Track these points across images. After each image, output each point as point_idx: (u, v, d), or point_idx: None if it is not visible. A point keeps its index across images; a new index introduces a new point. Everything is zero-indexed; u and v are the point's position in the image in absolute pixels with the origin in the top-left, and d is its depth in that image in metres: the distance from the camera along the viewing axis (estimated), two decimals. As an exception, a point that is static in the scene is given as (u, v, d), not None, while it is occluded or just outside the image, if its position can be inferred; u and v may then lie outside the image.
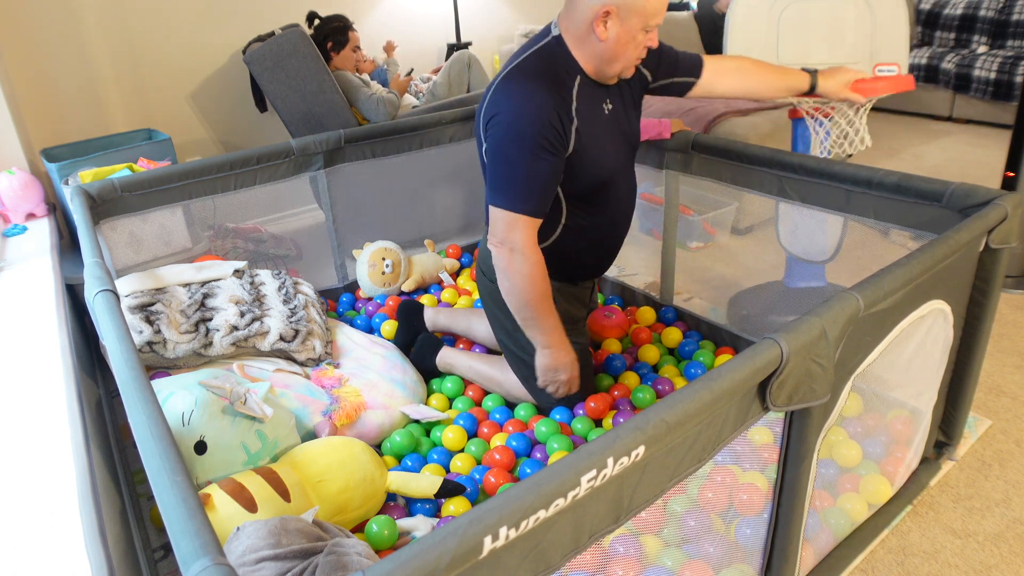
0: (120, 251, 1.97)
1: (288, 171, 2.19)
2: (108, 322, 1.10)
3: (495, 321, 1.72)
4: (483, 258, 1.69)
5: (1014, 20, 4.31)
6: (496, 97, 1.42)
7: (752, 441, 1.13)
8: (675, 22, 4.31)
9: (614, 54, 1.42)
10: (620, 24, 1.38)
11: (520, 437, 1.63)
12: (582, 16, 1.40)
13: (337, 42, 2.83)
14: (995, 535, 1.43)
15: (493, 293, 1.63)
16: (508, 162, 1.38)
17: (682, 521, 1.11)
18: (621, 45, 1.41)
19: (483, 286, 1.72)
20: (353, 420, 1.63)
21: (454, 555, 0.65)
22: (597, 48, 1.42)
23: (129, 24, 2.87)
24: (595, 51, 1.43)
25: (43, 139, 2.75)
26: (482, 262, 1.70)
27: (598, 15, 1.37)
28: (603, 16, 1.37)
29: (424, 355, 1.94)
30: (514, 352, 1.70)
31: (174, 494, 0.73)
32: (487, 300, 1.72)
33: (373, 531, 1.30)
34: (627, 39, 1.41)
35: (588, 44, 1.43)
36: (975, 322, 1.45)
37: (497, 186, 1.41)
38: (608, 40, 1.40)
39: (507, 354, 1.75)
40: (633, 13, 1.37)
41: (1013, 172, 2.27)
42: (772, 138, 2.91)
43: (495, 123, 1.40)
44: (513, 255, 1.43)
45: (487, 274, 1.66)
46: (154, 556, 1.41)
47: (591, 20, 1.39)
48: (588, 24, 1.40)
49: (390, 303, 2.28)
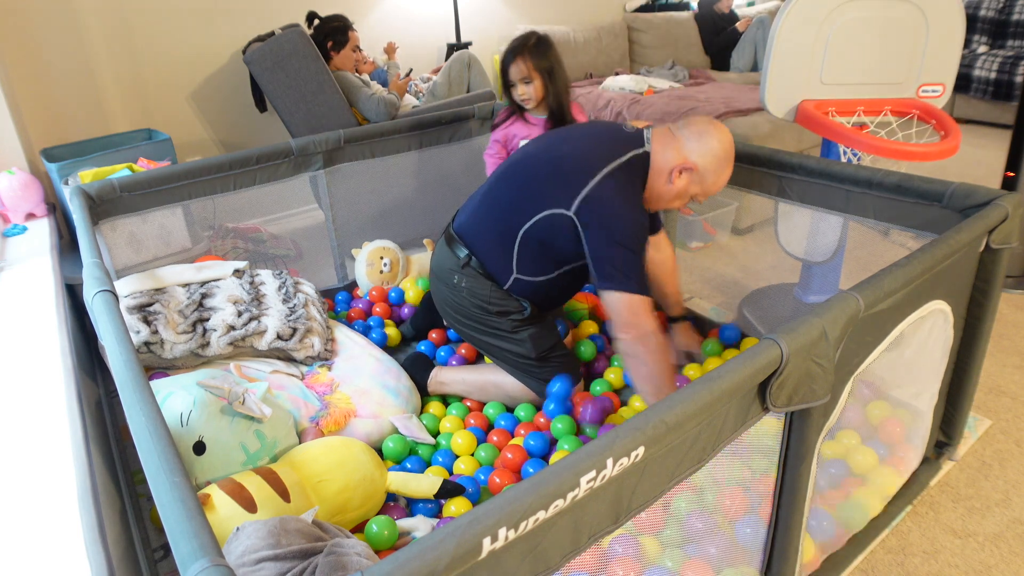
0: (120, 251, 1.97)
1: (288, 171, 2.19)
2: (107, 322, 1.10)
3: (461, 330, 1.77)
4: (439, 265, 1.74)
5: (1014, 20, 4.31)
6: (603, 193, 1.48)
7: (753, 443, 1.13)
8: (675, 22, 4.31)
9: (666, 198, 1.59)
10: (690, 181, 1.55)
11: (537, 436, 1.59)
12: (672, 154, 1.54)
13: (337, 42, 2.83)
14: (995, 535, 1.43)
15: (449, 300, 1.72)
16: (626, 249, 1.46)
17: (685, 522, 1.10)
18: (676, 197, 1.58)
19: (439, 294, 1.76)
20: (342, 427, 1.61)
21: (453, 556, 0.65)
22: (663, 186, 1.56)
23: (129, 24, 2.87)
24: (659, 185, 1.56)
25: (43, 139, 2.75)
26: (437, 269, 1.75)
27: (682, 165, 1.53)
28: (682, 168, 1.54)
29: (414, 376, 1.89)
30: (494, 351, 1.74)
31: (173, 495, 0.73)
32: (444, 308, 1.78)
33: (373, 531, 1.30)
34: (683, 195, 1.58)
35: (660, 176, 1.55)
36: (975, 322, 1.45)
37: (616, 271, 1.46)
38: (672, 187, 1.56)
39: (489, 355, 1.78)
40: (704, 181, 1.56)
41: (1013, 172, 2.27)
42: (772, 138, 2.91)
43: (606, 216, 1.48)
44: (647, 339, 1.46)
45: (444, 280, 1.72)
46: (154, 556, 1.41)
47: (675, 164, 1.53)
48: (671, 165, 1.54)
49: (373, 293, 2.29)
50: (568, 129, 1.69)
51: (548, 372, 1.72)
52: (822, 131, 1.79)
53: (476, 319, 1.70)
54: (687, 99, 3.34)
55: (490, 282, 1.66)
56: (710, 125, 1.55)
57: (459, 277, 1.68)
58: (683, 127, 1.57)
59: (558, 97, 1.99)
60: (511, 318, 1.68)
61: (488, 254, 1.65)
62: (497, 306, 1.67)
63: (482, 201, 1.69)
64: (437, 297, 1.78)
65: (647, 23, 4.28)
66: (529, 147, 1.68)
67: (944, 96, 1.87)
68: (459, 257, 1.67)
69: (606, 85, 3.70)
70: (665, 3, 4.65)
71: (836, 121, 1.80)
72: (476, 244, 1.66)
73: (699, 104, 3.20)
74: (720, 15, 4.38)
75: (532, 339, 1.69)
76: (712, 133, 1.54)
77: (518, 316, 1.68)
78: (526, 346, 1.69)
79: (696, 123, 1.56)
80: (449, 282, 1.70)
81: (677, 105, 3.23)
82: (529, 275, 1.62)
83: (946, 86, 1.85)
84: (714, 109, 3.10)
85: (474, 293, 1.67)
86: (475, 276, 1.66)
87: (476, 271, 1.66)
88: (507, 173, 1.65)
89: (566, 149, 1.57)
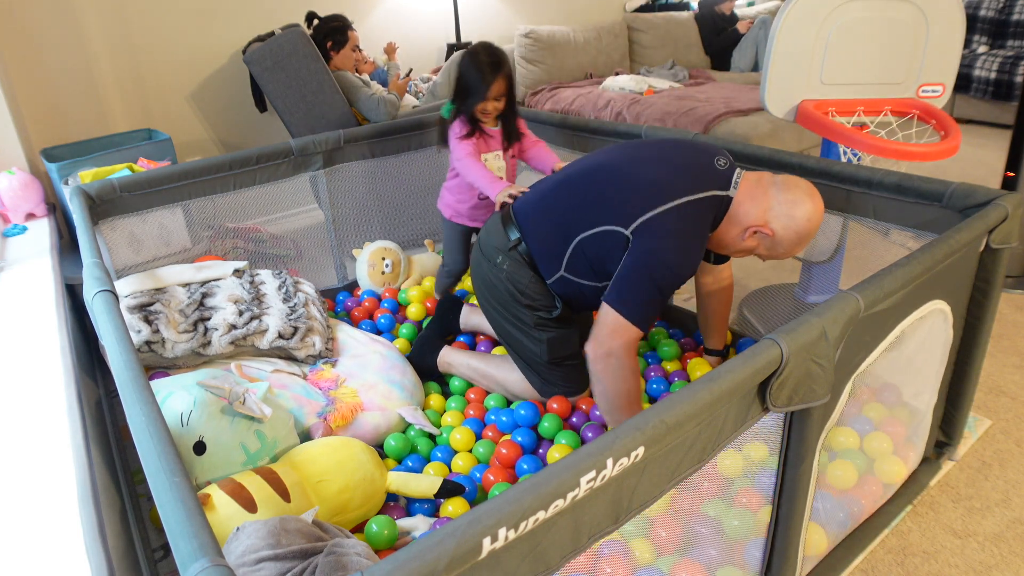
0: (120, 251, 1.97)
1: (288, 171, 2.19)
2: (107, 322, 1.10)
3: (487, 309, 1.73)
4: (486, 241, 1.69)
5: (1014, 20, 4.31)
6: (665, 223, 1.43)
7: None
8: (675, 22, 4.31)
9: (730, 249, 1.55)
10: (761, 243, 1.50)
11: (525, 432, 1.63)
12: (757, 212, 1.47)
13: (336, 42, 2.83)
14: (995, 535, 1.43)
15: (485, 277, 1.67)
16: (652, 284, 1.42)
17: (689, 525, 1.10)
18: (741, 252, 1.54)
19: (478, 268, 1.72)
20: (349, 421, 1.62)
21: (453, 556, 0.65)
22: (734, 237, 1.51)
23: (129, 24, 2.87)
24: (730, 235, 1.51)
25: (43, 139, 2.75)
26: (483, 243, 1.70)
27: (762, 228, 1.47)
28: (759, 229, 1.47)
29: (424, 354, 1.94)
30: (510, 340, 1.72)
31: (173, 495, 0.73)
32: (481, 289, 1.72)
33: (373, 531, 1.30)
34: (748, 251, 1.53)
35: (734, 227, 1.50)
36: (975, 322, 1.45)
37: (628, 296, 1.43)
38: (742, 243, 1.51)
39: (507, 348, 1.76)
40: (775, 249, 1.50)
41: (1013, 172, 2.27)
42: (772, 138, 2.91)
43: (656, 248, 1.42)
44: (608, 359, 1.46)
45: (487, 256, 1.67)
46: (154, 556, 1.41)
47: (755, 224, 1.47)
48: (751, 222, 1.48)
49: (386, 295, 2.30)
50: (659, 146, 1.60)
51: (555, 376, 1.71)
52: (822, 131, 1.79)
53: (503, 303, 1.66)
54: (687, 99, 3.34)
55: (532, 272, 1.61)
56: (808, 197, 1.45)
57: (503, 258, 1.63)
58: (780, 187, 1.47)
59: (515, 112, 1.97)
60: (538, 314, 1.64)
61: (540, 245, 1.60)
62: (529, 298, 1.63)
63: (547, 195, 1.63)
64: (475, 270, 1.74)
65: (647, 23, 4.28)
66: (613, 153, 1.60)
67: (944, 96, 1.87)
68: (510, 239, 1.63)
69: (606, 85, 3.70)
70: (665, 3, 4.65)
71: (836, 121, 1.80)
72: (531, 232, 1.61)
73: (699, 104, 3.20)
74: (721, 16, 4.39)
75: (549, 343, 1.65)
76: (806, 206, 1.44)
77: (545, 315, 1.64)
78: (541, 347, 1.66)
79: (795, 189, 1.46)
80: (493, 259, 1.65)
81: (677, 105, 3.23)
82: (577, 277, 1.58)
83: (946, 86, 1.85)
84: (714, 109, 3.10)
85: (512, 278, 1.62)
86: (519, 262, 1.61)
87: (522, 257, 1.61)
88: (581, 175, 1.60)
89: (647, 169, 1.50)
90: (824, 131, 1.78)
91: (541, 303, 1.63)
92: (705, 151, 1.54)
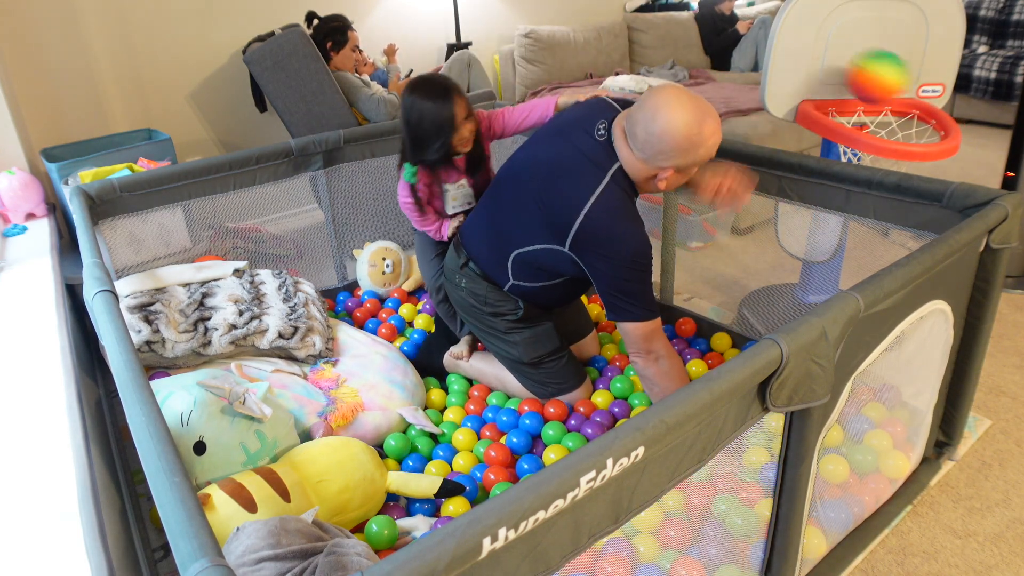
0: (120, 251, 1.97)
1: (288, 171, 2.19)
2: (107, 322, 1.10)
3: (476, 331, 1.79)
4: (447, 264, 1.77)
5: (1014, 20, 4.31)
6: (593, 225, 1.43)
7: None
8: (675, 22, 4.31)
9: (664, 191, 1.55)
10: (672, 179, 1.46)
11: (520, 433, 1.64)
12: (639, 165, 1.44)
13: (336, 42, 2.83)
14: (995, 535, 1.43)
15: (455, 297, 1.76)
16: (633, 278, 1.44)
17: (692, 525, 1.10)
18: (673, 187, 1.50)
19: (450, 291, 1.79)
20: (350, 421, 1.62)
21: (453, 556, 0.65)
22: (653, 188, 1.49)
23: (129, 24, 2.87)
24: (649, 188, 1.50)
25: (43, 139, 2.75)
26: (446, 267, 1.78)
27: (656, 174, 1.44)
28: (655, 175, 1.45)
29: (432, 353, 1.97)
30: (492, 349, 1.78)
31: (173, 495, 0.73)
32: (458, 311, 1.81)
33: (373, 531, 1.30)
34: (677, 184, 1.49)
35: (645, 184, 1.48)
36: (975, 322, 1.45)
37: (627, 304, 1.45)
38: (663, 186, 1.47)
39: (496, 358, 1.81)
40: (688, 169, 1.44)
41: (1013, 172, 2.27)
42: (772, 138, 2.90)
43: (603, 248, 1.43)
44: (660, 362, 1.49)
45: (449, 279, 1.76)
46: (154, 556, 1.41)
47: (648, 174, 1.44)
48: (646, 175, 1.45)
49: (394, 295, 2.31)
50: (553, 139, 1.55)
51: (542, 376, 1.73)
52: (822, 131, 1.79)
53: (475, 316, 1.74)
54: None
55: (487, 283, 1.68)
56: (658, 114, 1.34)
57: (459, 276, 1.72)
58: (631, 122, 1.40)
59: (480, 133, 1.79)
60: (505, 319, 1.69)
61: (486, 262, 1.67)
62: (491, 305, 1.69)
63: (482, 213, 1.70)
64: (448, 294, 1.83)
65: (647, 23, 4.28)
66: (526, 157, 1.58)
67: (944, 96, 1.87)
68: (460, 259, 1.72)
69: (606, 85, 3.70)
70: (665, 3, 4.65)
71: (836, 121, 1.80)
72: (473, 250, 1.69)
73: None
74: (721, 16, 4.38)
75: (524, 343, 1.70)
76: (660, 117, 1.33)
77: (512, 317, 1.69)
78: (518, 349, 1.71)
79: (639, 111, 1.38)
80: (453, 280, 1.75)
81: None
82: (527, 281, 1.63)
83: (946, 86, 1.84)
84: (714, 109, 3.09)
85: (472, 292, 1.70)
86: (473, 277, 1.69)
87: (474, 273, 1.69)
88: (506, 188, 1.61)
89: (546, 188, 1.49)
90: (824, 131, 1.78)
91: (504, 307, 1.69)
92: (581, 142, 1.49)
